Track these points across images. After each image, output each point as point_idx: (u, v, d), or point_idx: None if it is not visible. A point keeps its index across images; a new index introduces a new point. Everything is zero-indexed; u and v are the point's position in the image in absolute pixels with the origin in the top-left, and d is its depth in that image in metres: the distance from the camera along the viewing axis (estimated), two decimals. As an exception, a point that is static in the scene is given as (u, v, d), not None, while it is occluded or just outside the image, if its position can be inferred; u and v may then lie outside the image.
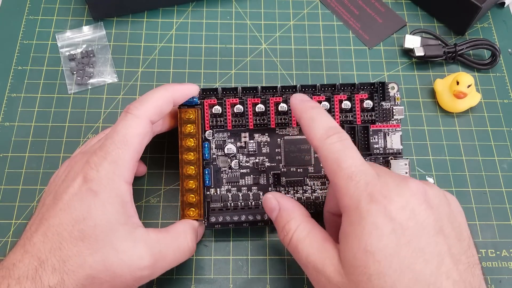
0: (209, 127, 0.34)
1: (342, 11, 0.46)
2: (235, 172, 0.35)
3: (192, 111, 0.33)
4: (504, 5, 0.46)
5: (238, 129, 0.35)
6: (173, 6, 0.45)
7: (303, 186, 0.35)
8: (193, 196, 0.32)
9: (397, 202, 0.23)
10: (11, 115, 0.39)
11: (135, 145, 0.27)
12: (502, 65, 0.43)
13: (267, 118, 0.35)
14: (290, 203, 0.29)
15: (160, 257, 0.27)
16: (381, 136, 0.35)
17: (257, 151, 0.35)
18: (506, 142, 0.40)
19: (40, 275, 0.24)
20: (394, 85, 0.36)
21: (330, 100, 0.35)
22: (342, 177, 0.25)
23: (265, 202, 0.30)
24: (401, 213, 0.23)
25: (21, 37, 0.43)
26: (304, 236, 0.27)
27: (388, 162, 0.35)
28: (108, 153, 0.27)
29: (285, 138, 0.35)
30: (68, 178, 0.27)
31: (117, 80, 0.41)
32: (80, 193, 0.26)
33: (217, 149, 0.35)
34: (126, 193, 0.27)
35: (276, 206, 0.29)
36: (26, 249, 0.25)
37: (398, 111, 0.35)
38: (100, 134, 0.33)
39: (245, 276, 0.34)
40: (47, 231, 0.25)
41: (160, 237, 0.28)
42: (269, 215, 0.30)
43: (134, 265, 0.26)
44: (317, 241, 0.26)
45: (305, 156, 0.35)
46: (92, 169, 0.26)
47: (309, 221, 0.28)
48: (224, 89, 0.34)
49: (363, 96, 0.35)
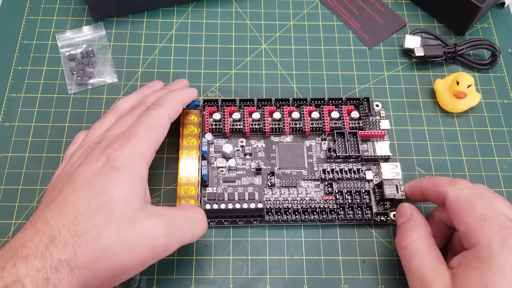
0: (209, 131, 0.37)
1: (342, 11, 0.46)
2: (232, 172, 0.36)
3: (195, 113, 0.35)
4: (504, 5, 0.46)
5: (235, 135, 0.38)
6: (173, 6, 0.45)
7: (298, 188, 0.36)
8: (191, 189, 0.33)
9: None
10: (11, 115, 0.39)
11: (158, 131, 0.30)
12: (502, 65, 0.43)
13: (262, 123, 0.37)
14: (421, 217, 0.32)
15: (175, 226, 0.27)
16: (369, 144, 0.38)
17: (253, 155, 0.37)
18: (506, 142, 0.40)
19: (50, 252, 0.23)
20: (378, 103, 0.39)
21: (320, 111, 0.38)
22: (475, 217, 0.28)
23: (400, 207, 0.33)
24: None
25: (21, 37, 0.43)
26: (423, 249, 0.29)
27: (379, 165, 0.37)
28: (132, 137, 0.28)
29: (280, 144, 0.38)
30: (88, 160, 0.27)
31: (117, 80, 0.41)
32: (102, 169, 0.26)
33: (215, 152, 0.37)
34: (145, 173, 0.28)
35: (408, 214, 0.32)
36: (38, 228, 0.24)
37: (384, 124, 0.38)
38: (97, 125, 0.33)
39: (245, 276, 0.34)
40: (62, 208, 0.25)
41: (171, 209, 0.28)
42: (398, 220, 0.33)
43: (149, 234, 0.26)
44: (433, 258, 0.29)
45: (299, 160, 0.37)
46: (115, 149, 0.27)
47: (430, 239, 0.30)
48: (224, 100, 0.38)
49: (350, 108, 0.38)
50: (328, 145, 0.37)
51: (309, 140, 0.38)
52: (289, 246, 0.35)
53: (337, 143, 0.37)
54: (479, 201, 0.28)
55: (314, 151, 0.37)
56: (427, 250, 0.29)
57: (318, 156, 0.37)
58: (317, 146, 0.38)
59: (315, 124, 0.37)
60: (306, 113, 0.38)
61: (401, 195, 0.34)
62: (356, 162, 0.37)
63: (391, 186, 0.35)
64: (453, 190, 0.30)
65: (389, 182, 0.35)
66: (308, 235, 0.35)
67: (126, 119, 0.31)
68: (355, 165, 0.37)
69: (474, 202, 0.28)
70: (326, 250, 0.35)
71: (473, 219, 0.28)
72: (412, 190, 0.34)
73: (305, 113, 0.38)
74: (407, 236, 0.31)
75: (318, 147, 0.38)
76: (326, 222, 0.35)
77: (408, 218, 0.32)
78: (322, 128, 0.37)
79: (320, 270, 0.34)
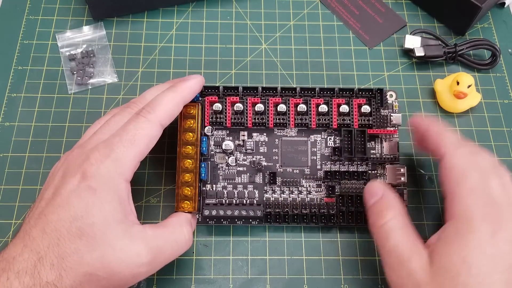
0: (209, 123, 0.35)
1: (342, 11, 0.46)
2: (232, 169, 0.35)
3: (193, 106, 0.33)
4: (504, 5, 0.46)
5: (237, 127, 0.36)
6: (173, 6, 0.45)
7: (299, 187, 0.35)
8: (188, 190, 0.32)
9: (506, 233, 0.26)
10: (11, 115, 0.39)
11: (142, 145, 0.28)
12: (502, 65, 0.43)
13: (266, 117, 0.35)
14: (393, 195, 0.31)
15: (158, 252, 0.27)
16: (378, 141, 0.36)
17: (254, 150, 0.36)
18: (506, 142, 0.40)
19: (38, 271, 0.24)
20: (392, 93, 0.37)
21: (329, 103, 0.35)
22: (465, 188, 0.27)
23: (369, 186, 0.32)
24: (506, 244, 0.25)
25: (21, 37, 0.43)
26: (399, 227, 0.29)
27: (384, 167, 0.35)
28: (112, 151, 0.27)
29: (283, 139, 0.36)
30: (67, 174, 0.27)
31: (117, 80, 0.41)
32: (78, 190, 0.26)
33: (215, 146, 0.35)
34: (125, 191, 0.27)
35: (379, 192, 0.31)
36: (26, 243, 0.25)
37: (396, 118, 0.36)
38: (95, 124, 0.32)
39: (245, 276, 0.34)
40: (45, 226, 0.25)
41: (157, 233, 0.28)
42: (367, 200, 0.31)
43: (132, 263, 0.26)
44: (409, 236, 0.28)
45: (301, 158, 0.36)
46: (92, 165, 0.26)
47: (406, 217, 0.29)
48: (225, 88, 0.35)
49: (361, 101, 0.35)
50: (334, 143, 0.36)
51: (314, 135, 0.36)
52: (289, 246, 0.35)
53: (343, 142, 0.35)
54: (474, 174, 0.27)
55: (318, 147, 0.36)
56: (403, 229, 0.29)
57: (323, 153, 0.36)
58: (322, 141, 0.36)
59: (322, 120, 0.35)
60: (313, 106, 0.35)
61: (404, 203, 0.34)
62: (361, 163, 0.36)
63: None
64: (452, 155, 0.28)
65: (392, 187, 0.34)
66: (308, 235, 0.35)
67: (115, 121, 0.29)
68: (359, 166, 0.36)
69: (469, 174, 0.27)
70: (326, 250, 0.35)
71: (462, 190, 0.27)
72: (416, 126, 0.33)
73: (312, 106, 0.35)
74: (382, 216, 0.29)
75: (323, 142, 0.36)
76: (326, 225, 0.35)
77: (380, 197, 0.31)
78: (329, 124, 0.35)
79: (320, 270, 0.34)
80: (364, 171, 0.35)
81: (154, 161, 0.38)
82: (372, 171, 0.35)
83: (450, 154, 0.29)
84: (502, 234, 0.25)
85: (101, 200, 0.26)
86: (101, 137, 0.28)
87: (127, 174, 0.27)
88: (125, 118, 0.29)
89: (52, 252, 0.24)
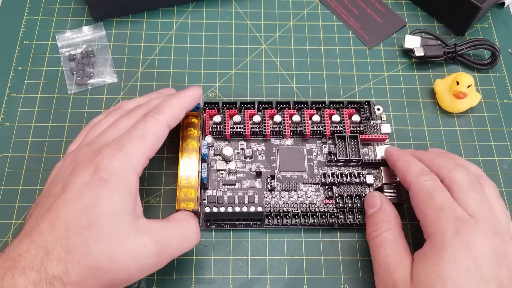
0: (209, 133, 0.37)
1: (342, 11, 0.46)
2: (232, 175, 0.36)
3: (195, 116, 0.35)
4: (504, 5, 0.46)
5: (236, 137, 0.37)
6: (173, 6, 0.45)
7: (298, 192, 0.36)
8: (190, 192, 0.32)
9: (479, 246, 0.26)
10: (11, 115, 0.39)
11: (151, 142, 0.29)
12: (502, 65, 0.43)
13: (263, 127, 0.37)
14: (391, 208, 0.33)
15: (164, 244, 0.27)
16: (370, 147, 0.37)
17: (253, 158, 0.37)
18: (506, 142, 0.40)
19: (45, 265, 0.24)
20: (379, 107, 0.39)
21: (321, 113, 0.38)
22: (433, 208, 0.28)
23: (369, 197, 0.34)
24: (480, 256, 0.26)
25: (21, 37, 0.43)
26: (391, 240, 0.30)
27: (379, 169, 0.36)
28: (123, 146, 0.27)
29: (280, 147, 0.37)
30: (77, 169, 0.27)
31: (117, 80, 0.41)
32: (90, 182, 0.26)
33: (216, 155, 0.37)
34: (135, 185, 0.28)
35: (378, 204, 0.33)
36: (33, 239, 0.24)
37: (385, 127, 0.38)
38: (90, 124, 0.33)
39: (245, 276, 0.34)
40: (54, 221, 0.25)
41: (163, 226, 0.28)
42: (367, 210, 0.33)
43: (138, 254, 0.26)
44: (399, 249, 0.30)
45: (299, 163, 0.37)
46: (104, 158, 0.27)
47: (400, 230, 0.31)
48: (224, 103, 0.37)
49: (351, 112, 0.38)
50: (328, 149, 0.37)
51: (310, 144, 0.38)
52: (289, 246, 0.35)
53: (338, 147, 0.36)
54: (440, 193, 0.29)
55: (314, 154, 0.37)
56: (395, 242, 0.30)
57: (319, 159, 0.37)
58: (318, 149, 0.37)
59: (316, 128, 0.37)
60: (307, 116, 0.37)
61: (401, 199, 0.34)
62: (356, 166, 0.37)
63: (391, 190, 0.34)
64: (417, 181, 0.30)
65: (389, 186, 0.35)
66: (308, 236, 0.35)
67: (122, 122, 0.30)
68: (355, 169, 0.37)
69: (435, 194, 0.29)
70: (326, 250, 0.35)
71: (432, 211, 0.28)
72: (388, 157, 0.35)
73: (306, 116, 0.37)
74: (377, 228, 0.31)
75: (318, 150, 0.37)
76: (326, 226, 0.35)
77: (378, 209, 0.32)
78: (323, 132, 0.37)
79: (320, 270, 0.34)
80: (359, 172, 0.36)
81: (154, 161, 0.38)
82: (368, 174, 0.36)
83: (415, 181, 0.30)
84: (477, 247, 0.26)
85: (112, 191, 0.26)
86: (110, 136, 0.29)
87: (138, 168, 0.28)
88: (132, 119, 0.30)
89: (60, 245, 0.24)
